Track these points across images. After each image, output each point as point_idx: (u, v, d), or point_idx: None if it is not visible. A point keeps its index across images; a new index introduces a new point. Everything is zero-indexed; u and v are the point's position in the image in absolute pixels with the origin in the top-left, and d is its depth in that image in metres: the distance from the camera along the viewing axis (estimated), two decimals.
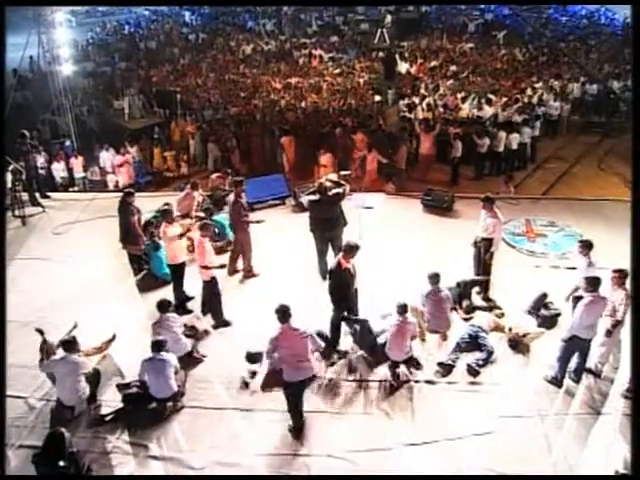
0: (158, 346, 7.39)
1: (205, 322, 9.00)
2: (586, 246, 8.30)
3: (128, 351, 8.22)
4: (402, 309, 7.79)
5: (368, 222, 10.84)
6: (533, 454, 6.75)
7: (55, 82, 17.33)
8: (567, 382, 7.64)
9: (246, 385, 7.76)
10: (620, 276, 7.46)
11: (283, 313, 6.91)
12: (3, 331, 7.27)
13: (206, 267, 8.68)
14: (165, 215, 9.29)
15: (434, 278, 8.33)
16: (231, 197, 10.06)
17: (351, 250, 7.97)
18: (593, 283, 7.27)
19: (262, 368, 7.79)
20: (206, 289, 8.93)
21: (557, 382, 7.62)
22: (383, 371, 7.91)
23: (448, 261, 9.59)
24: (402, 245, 10.47)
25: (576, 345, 7.40)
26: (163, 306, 8.08)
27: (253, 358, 7.90)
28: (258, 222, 10.27)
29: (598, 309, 7.23)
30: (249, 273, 10.16)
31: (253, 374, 7.86)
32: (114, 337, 8.40)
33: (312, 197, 9.63)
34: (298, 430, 7.09)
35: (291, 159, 16.13)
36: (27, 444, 6.97)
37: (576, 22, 29.76)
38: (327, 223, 9.41)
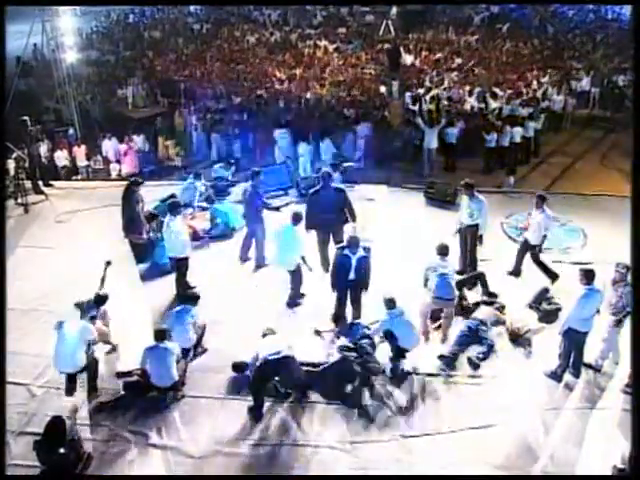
0: (161, 335, 7.42)
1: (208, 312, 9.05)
2: (541, 199, 9.23)
3: (130, 339, 8.25)
4: (391, 303, 7.85)
5: (370, 214, 10.85)
6: (532, 448, 6.77)
7: (59, 70, 17.30)
8: (566, 376, 7.65)
9: None
10: (623, 271, 7.46)
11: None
12: (3, 318, 7.29)
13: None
14: (171, 208, 9.26)
15: (443, 249, 8.29)
16: (247, 187, 10.04)
17: (353, 243, 8.10)
18: (588, 276, 7.26)
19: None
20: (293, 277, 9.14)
21: (556, 377, 7.64)
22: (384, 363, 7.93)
23: (450, 254, 9.59)
24: (404, 237, 10.46)
25: (573, 338, 7.41)
26: (194, 299, 8.28)
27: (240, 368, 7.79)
28: (277, 209, 10.25)
29: (594, 302, 7.23)
30: (261, 263, 10.17)
31: None
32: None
33: (313, 189, 9.65)
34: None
35: (284, 150, 16.10)
36: (28, 431, 7.01)
37: (583, 16, 29.57)
38: (326, 216, 9.29)
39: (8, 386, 7.19)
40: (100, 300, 8.02)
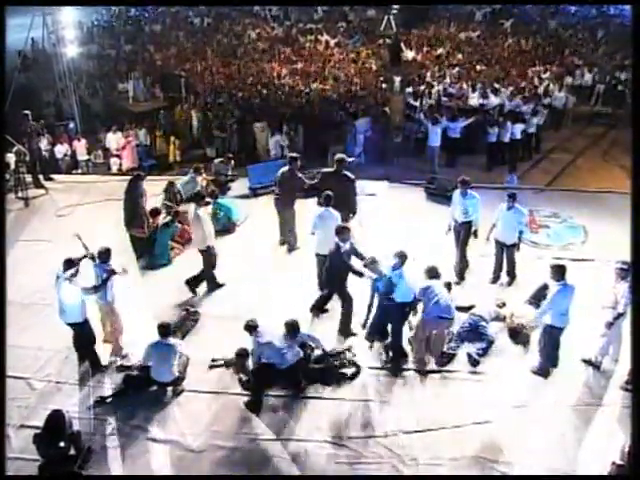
0: (164, 330, 7.42)
1: (207, 306, 9.07)
2: (512, 198, 8.99)
3: (130, 333, 8.25)
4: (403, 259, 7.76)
5: (370, 209, 10.85)
6: (531, 444, 6.77)
7: (59, 64, 17.27)
8: (565, 373, 7.65)
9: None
10: (623, 268, 7.46)
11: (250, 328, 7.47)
12: (3, 312, 7.30)
13: None
14: (197, 199, 9.27)
15: (433, 272, 7.85)
16: (285, 171, 10.05)
17: (341, 232, 8.11)
18: (559, 272, 7.32)
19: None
20: None
21: (542, 373, 7.67)
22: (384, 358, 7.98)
23: (449, 250, 9.60)
24: (403, 233, 10.42)
25: (551, 334, 7.46)
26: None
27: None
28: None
29: (568, 297, 7.27)
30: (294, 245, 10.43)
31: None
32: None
33: (328, 169, 9.74)
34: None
35: (264, 144, 16.48)
36: (29, 424, 7.01)
37: (585, 12, 29.47)
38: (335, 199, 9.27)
39: (8, 380, 7.22)
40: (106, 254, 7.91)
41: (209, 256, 9.21)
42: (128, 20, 30.50)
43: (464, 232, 9.39)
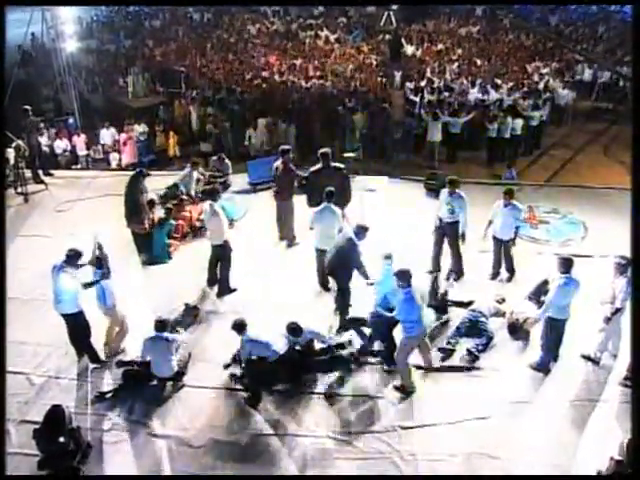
0: (161, 325, 7.42)
1: (207, 301, 9.07)
2: (509, 194, 8.97)
3: (130, 328, 8.25)
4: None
5: (370, 204, 10.83)
6: (530, 440, 6.78)
7: (58, 59, 17.23)
8: (562, 369, 7.67)
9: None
10: (622, 264, 7.46)
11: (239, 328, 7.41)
12: (4, 308, 7.30)
13: None
14: (212, 194, 9.29)
15: (406, 276, 7.12)
16: (279, 165, 10.06)
17: (360, 231, 8.08)
18: (566, 264, 7.31)
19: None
20: None
21: (542, 369, 7.67)
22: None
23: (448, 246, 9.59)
24: (404, 228, 10.43)
25: (553, 326, 7.46)
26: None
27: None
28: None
29: (571, 290, 7.27)
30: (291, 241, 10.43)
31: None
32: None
33: (314, 167, 9.69)
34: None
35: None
36: (29, 419, 7.01)
37: (585, 8, 29.38)
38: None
39: (8, 375, 7.21)
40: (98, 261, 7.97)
41: (227, 250, 9.16)
42: (127, 15, 30.39)
43: (452, 234, 9.26)
